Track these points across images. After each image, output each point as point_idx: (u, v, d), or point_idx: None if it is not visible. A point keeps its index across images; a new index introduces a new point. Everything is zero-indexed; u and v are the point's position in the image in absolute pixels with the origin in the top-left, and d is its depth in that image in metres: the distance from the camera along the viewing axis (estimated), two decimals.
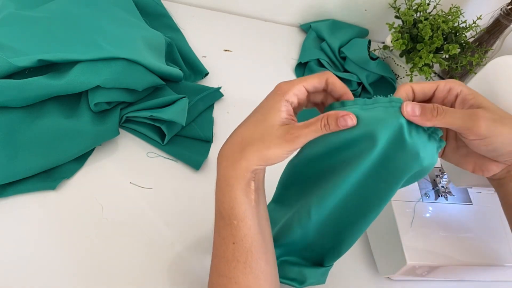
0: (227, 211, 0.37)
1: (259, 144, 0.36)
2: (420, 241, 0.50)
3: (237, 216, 0.37)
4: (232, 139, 0.38)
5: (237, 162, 0.36)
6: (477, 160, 0.41)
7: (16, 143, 0.52)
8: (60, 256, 0.48)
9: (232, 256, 0.38)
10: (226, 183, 0.37)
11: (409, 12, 0.75)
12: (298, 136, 0.35)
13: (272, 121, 0.36)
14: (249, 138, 0.37)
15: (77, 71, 0.55)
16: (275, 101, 0.37)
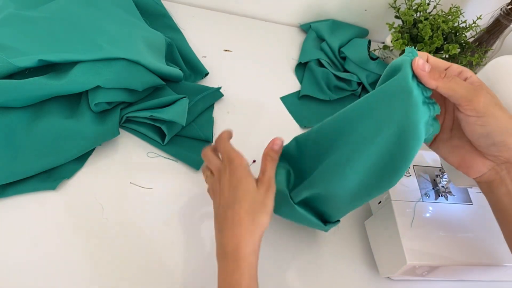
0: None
1: (261, 207, 0.43)
2: (420, 241, 0.50)
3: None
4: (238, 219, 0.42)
5: (254, 233, 0.42)
6: (466, 154, 0.41)
7: (16, 143, 0.52)
8: (60, 256, 0.48)
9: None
10: (247, 261, 0.40)
11: (409, 12, 0.75)
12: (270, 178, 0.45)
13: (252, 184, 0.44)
14: (251, 208, 0.42)
15: (78, 71, 0.55)
16: (243, 171, 0.44)
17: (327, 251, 0.58)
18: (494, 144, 0.38)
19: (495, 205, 0.43)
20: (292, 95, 0.76)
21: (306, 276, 0.55)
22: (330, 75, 0.77)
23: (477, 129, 0.38)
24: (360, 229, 0.61)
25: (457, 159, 0.42)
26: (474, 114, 0.37)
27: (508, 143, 0.38)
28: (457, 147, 0.42)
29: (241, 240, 0.41)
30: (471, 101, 0.36)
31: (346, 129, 0.43)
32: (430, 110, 0.38)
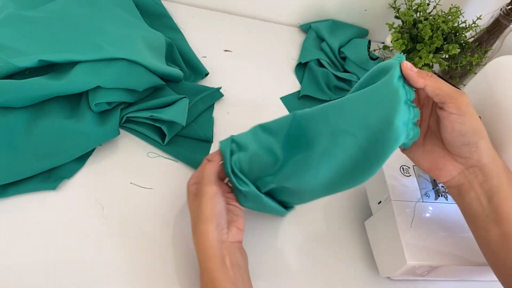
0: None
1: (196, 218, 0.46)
2: (420, 241, 0.50)
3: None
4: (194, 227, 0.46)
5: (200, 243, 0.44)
6: (437, 158, 0.43)
7: (16, 143, 0.52)
8: (60, 256, 0.48)
9: None
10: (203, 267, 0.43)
11: (409, 12, 0.75)
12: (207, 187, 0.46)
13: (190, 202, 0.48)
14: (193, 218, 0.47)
15: (78, 71, 0.55)
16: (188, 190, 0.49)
17: (327, 251, 0.58)
18: (468, 144, 0.41)
19: (465, 210, 0.45)
20: (292, 95, 0.76)
21: (306, 276, 0.55)
22: (330, 75, 0.77)
23: (457, 126, 0.40)
24: (360, 229, 0.61)
25: (428, 162, 0.44)
26: (456, 112, 0.40)
27: (479, 145, 0.40)
28: (429, 152, 0.44)
29: (197, 252, 0.44)
30: (456, 99, 0.40)
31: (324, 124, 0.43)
32: (411, 112, 0.39)
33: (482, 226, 0.43)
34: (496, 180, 0.41)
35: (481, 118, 0.47)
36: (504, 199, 0.41)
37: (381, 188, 0.56)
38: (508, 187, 0.41)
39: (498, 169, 0.42)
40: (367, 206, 0.61)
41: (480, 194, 0.42)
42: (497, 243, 0.42)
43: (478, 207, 0.43)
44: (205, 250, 0.42)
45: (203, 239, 0.43)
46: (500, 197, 0.41)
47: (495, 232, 0.42)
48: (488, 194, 0.42)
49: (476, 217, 0.43)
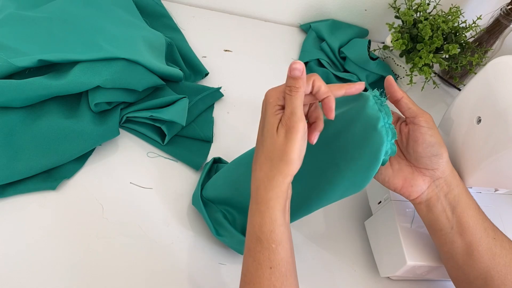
0: (266, 235, 0.38)
1: (279, 154, 0.38)
2: (420, 241, 0.50)
3: (275, 240, 0.38)
4: (258, 162, 0.40)
5: (273, 180, 0.38)
6: (407, 175, 0.45)
7: (16, 143, 0.52)
8: (60, 256, 0.48)
9: (269, 282, 0.38)
10: (266, 206, 0.38)
11: (409, 12, 0.75)
12: (288, 116, 0.37)
13: (272, 128, 0.38)
14: (270, 153, 0.38)
15: (77, 71, 0.55)
16: (269, 109, 0.39)
17: (327, 251, 0.58)
18: (436, 154, 0.43)
19: (432, 225, 0.46)
20: None
21: (306, 276, 0.55)
22: (330, 75, 0.77)
23: (427, 138, 0.43)
24: (360, 229, 0.61)
25: (400, 180, 0.46)
26: (426, 125, 0.43)
27: (443, 156, 0.44)
28: (398, 171, 0.46)
29: (260, 184, 0.39)
30: (424, 115, 0.44)
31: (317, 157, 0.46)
32: (389, 135, 0.42)
33: (448, 240, 0.45)
34: (457, 190, 0.44)
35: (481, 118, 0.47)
36: (465, 209, 0.44)
37: (381, 188, 0.56)
38: (466, 197, 0.45)
39: (457, 179, 0.45)
40: (367, 206, 0.61)
41: (445, 205, 0.45)
42: (462, 256, 0.44)
43: (444, 219, 0.45)
44: (276, 190, 0.38)
45: (280, 180, 0.38)
46: (462, 206, 0.44)
47: (460, 244, 0.44)
48: (452, 205, 0.44)
49: (442, 231, 0.45)
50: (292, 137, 0.37)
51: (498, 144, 0.45)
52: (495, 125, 0.45)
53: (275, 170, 0.38)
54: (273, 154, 0.38)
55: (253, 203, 0.40)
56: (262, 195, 0.39)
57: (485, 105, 0.47)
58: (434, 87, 0.81)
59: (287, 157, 0.37)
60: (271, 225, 0.38)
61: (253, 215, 0.39)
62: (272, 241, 0.38)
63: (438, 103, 0.85)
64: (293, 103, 0.37)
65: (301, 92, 0.38)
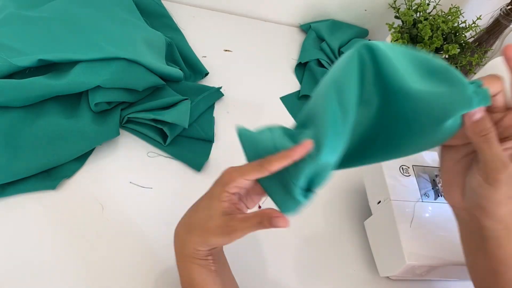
0: (189, 282, 0.40)
1: (202, 231, 0.39)
2: (420, 241, 0.51)
3: (197, 285, 0.39)
4: (183, 220, 0.43)
5: (186, 243, 0.40)
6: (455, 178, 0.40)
7: (16, 143, 0.53)
8: (60, 256, 0.48)
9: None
10: (182, 259, 0.41)
11: (409, 12, 0.75)
12: (235, 230, 0.37)
13: (215, 210, 0.38)
14: (194, 223, 0.40)
15: (78, 71, 0.55)
16: (218, 191, 0.39)
17: (326, 251, 0.58)
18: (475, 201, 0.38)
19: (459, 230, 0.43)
20: (292, 95, 0.76)
21: (305, 276, 0.55)
22: None
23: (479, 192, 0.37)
24: (359, 229, 0.61)
25: (448, 175, 0.41)
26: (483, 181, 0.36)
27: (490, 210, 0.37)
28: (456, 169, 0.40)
29: (176, 239, 0.42)
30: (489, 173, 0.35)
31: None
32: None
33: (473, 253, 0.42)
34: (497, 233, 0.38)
35: None
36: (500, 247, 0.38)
37: (381, 188, 0.56)
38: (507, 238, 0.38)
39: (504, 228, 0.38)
40: (366, 206, 0.61)
41: (476, 231, 0.40)
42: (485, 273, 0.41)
43: (471, 238, 0.41)
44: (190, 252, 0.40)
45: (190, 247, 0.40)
46: (497, 242, 0.38)
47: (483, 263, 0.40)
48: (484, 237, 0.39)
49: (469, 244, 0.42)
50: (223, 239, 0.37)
51: None
52: None
53: (191, 240, 0.39)
54: (197, 228, 0.39)
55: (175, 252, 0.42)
56: (176, 251, 0.42)
57: None
58: None
59: (207, 240, 0.38)
60: (190, 276, 0.40)
61: (176, 263, 0.42)
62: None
63: None
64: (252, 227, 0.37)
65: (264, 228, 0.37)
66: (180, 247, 0.41)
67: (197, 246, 0.39)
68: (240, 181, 0.38)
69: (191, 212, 0.42)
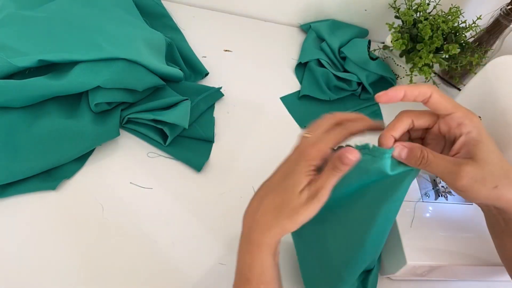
0: (255, 276, 0.38)
1: (290, 211, 0.37)
2: (420, 241, 0.50)
3: (264, 281, 0.38)
4: (263, 205, 0.39)
5: (273, 229, 0.38)
6: None
7: (16, 143, 0.52)
8: (60, 256, 0.48)
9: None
10: (259, 249, 0.38)
11: (409, 12, 0.75)
12: (319, 188, 0.36)
13: (298, 186, 0.37)
14: (281, 205, 0.38)
15: (78, 71, 0.55)
16: (303, 166, 0.38)
17: None
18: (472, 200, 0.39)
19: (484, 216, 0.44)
20: (292, 95, 0.76)
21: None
22: (330, 75, 0.77)
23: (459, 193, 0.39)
24: None
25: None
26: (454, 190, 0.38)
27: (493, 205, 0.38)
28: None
29: (257, 228, 0.39)
30: (450, 184, 0.37)
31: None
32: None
33: (499, 236, 0.43)
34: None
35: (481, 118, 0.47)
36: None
37: None
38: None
39: None
40: None
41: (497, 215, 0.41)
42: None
43: (494, 222, 0.42)
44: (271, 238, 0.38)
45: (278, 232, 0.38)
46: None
47: (510, 245, 0.41)
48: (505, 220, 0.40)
49: (493, 227, 0.43)
50: (313, 207, 0.37)
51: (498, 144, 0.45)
52: (495, 125, 0.45)
53: (278, 224, 0.37)
54: (284, 208, 0.37)
55: (244, 242, 0.39)
56: (255, 238, 0.38)
57: (485, 105, 0.47)
58: None
59: (297, 219, 0.37)
60: (261, 267, 0.38)
61: (243, 254, 0.39)
62: (261, 282, 0.38)
63: None
64: (331, 180, 0.37)
65: (343, 174, 0.37)
66: (264, 234, 0.38)
67: (286, 230, 0.37)
68: (326, 150, 0.37)
69: (272, 196, 0.39)
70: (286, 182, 0.38)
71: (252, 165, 0.62)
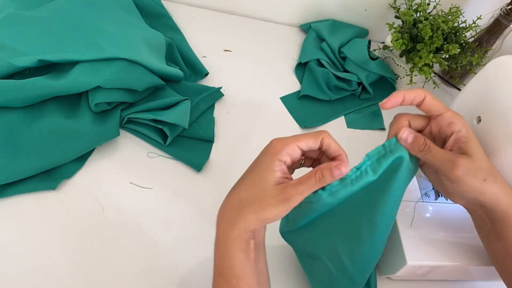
0: (226, 270, 0.38)
1: (255, 205, 0.36)
2: (420, 241, 0.50)
3: (236, 275, 0.37)
4: (230, 199, 0.39)
5: (236, 223, 0.37)
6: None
7: (16, 143, 0.52)
8: (60, 256, 0.48)
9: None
10: (225, 243, 0.38)
11: (409, 12, 0.75)
12: (293, 195, 0.36)
13: (267, 181, 0.37)
14: (245, 199, 0.37)
15: (78, 71, 0.55)
16: (269, 160, 0.37)
17: None
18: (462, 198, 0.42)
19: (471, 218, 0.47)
20: (292, 95, 0.76)
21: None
22: (330, 75, 0.77)
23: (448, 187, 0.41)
24: None
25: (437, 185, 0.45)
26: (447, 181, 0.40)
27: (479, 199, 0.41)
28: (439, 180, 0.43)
29: (222, 222, 0.38)
30: (445, 174, 0.40)
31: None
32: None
33: (487, 237, 0.45)
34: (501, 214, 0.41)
35: (481, 118, 0.47)
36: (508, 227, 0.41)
37: None
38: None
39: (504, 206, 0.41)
40: None
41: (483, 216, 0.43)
42: (501, 254, 0.44)
43: (482, 223, 0.44)
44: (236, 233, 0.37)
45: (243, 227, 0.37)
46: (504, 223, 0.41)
47: (498, 246, 0.43)
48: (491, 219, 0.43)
49: (481, 229, 0.45)
50: (282, 209, 0.36)
51: (498, 144, 0.45)
52: (495, 125, 0.45)
53: (243, 218, 0.37)
54: (250, 203, 0.37)
55: (216, 235, 0.39)
56: (222, 233, 0.38)
57: (485, 105, 0.47)
58: (434, 87, 0.81)
59: (262, 215, 0.36)
60: (230, 262, 0.37)
61: (215, 248, 0.39)
62: (232, 277, 0.37)
63: None
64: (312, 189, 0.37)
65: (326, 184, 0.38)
66: (226, 229, 0.38)
67: (250, 224, 0.37)
68: (293, 147, 0.37)
69: (238, 190, 0.39)
70: (251, 176, 0.38)
71: None
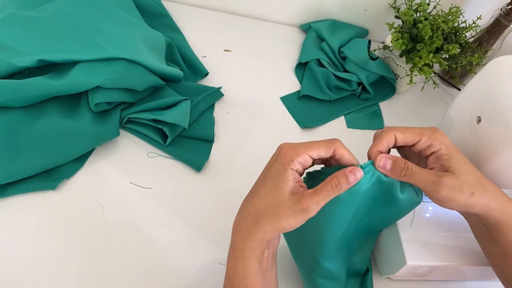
0: (238, 280, 0.38)
1: (272, 216, 0.36)
2: (420, 241, 0.50)
3: (247, 286, 0.37)
4: (246, 209, 0.39)
5: (253, 233, 0.37)
6: None
7: (16, 143, 0.52)
8: (60, 256, 0.48)
9: None
10: (241, 253, 0.38)
11: (409, 12, 0.75)
12: (309, 205, 0.36)
13: (282, 191, 0.36)
14: (262, 210, 0.37)
15: (77, 71, 0.55)
16: (282, 170, 0.37)
17: None
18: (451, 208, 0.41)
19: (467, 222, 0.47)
20: (292, 95, 0.76)
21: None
22: (330, 75, 0.77)
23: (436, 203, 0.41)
24: None
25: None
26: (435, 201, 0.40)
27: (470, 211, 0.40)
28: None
29: (239, 232, 0.38)
30: (430, 195, 0.39)
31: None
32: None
33: (483, 241, 0.45)
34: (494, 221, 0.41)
35: (481, 118, 0.47)
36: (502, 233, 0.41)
37: None
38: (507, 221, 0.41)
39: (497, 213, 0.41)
40: None
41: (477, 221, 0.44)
42: (497, 257, 0.44)
43: (477, 228, 0.45)
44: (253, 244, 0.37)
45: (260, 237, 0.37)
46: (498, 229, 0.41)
47: (495, 250, 0.44)
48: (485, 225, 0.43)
49: (477, 233, 0.46)
50: (300, 218, 0.36)
51: (498, 144, 0.45)
52: (495, 125, 0.45)
53: (260, 228, 0.37)
54: (267, 213, 0.37)
55: (231, 245, 0.39)
56: (238, 243, 0.38)
57: (485, 105, 0.47)
58: (434, 87, 0.81)
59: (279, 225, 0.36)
60: (244, 272, 0.37)
61: (229, 258, 0.39)
62: (244, 287, 0.37)
63: (438, 103, 0.85)
64: (329, 197, 0.36)
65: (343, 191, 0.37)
66: (244, 240, 0.37)
67: (267, 234, 0.36)
68: (305, 157, 0.37)
69: (255, 201, 0.38)
70: (266, 186, 0.38)
71: (252, 165, 0.62)
